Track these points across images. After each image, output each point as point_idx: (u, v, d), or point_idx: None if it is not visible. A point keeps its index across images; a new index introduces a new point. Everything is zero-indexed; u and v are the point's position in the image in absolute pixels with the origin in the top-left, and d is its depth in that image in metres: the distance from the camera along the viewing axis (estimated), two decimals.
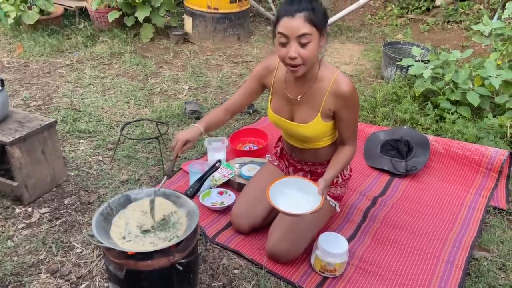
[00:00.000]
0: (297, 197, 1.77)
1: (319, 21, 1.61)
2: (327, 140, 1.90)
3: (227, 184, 2.44)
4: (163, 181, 1.71)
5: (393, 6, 5.66)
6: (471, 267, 1.98)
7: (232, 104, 1.99)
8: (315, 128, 1.82)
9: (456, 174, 2.63)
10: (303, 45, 1.61)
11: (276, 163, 2.20)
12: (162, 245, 1.52)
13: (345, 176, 2.04)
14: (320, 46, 1.68)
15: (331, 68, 1.80)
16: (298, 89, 1.83)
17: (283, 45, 1.64)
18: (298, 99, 1.83)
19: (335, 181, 2.01)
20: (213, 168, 1.90)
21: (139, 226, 1.60)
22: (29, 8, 4.20)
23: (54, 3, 4.39)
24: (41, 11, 4.28)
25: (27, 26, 4.29)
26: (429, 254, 2.03)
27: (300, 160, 2.03)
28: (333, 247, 1.84)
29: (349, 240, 2.08)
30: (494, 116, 3.00)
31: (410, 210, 2.33)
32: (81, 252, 1.97)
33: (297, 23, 1.58)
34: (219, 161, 1.93)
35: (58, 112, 3.09)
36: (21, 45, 4.10)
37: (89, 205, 2.25)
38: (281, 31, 1.62)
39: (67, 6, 4.67)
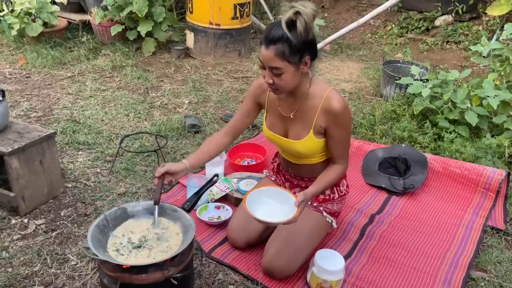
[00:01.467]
0: (273, 206, 1.77)
1: (293, 54, 1.60)
2: (321, 156, 1.90)
3: (225, 199, 2.44)
4: (155, 212, 1.68)
5: (393, 25, 5.73)
6: None
7: (232, 126, 2.00)
8: (308, 145, 1.83)
9: (454, 193, 2.63)
10: (276, 75, 1.64)
11: (273, 178, 2.20)
12: (157, 258, 1.51)
13: (342, 192, 2.04)
14: (301, 73, 1.69)
15: (323, 85, 1.80)
16: (290, 106, 1.85)
17: (263, 67, 1.68)
18: (291, 116, 1.85)
19: (331, 197, 2.00)
20: (211, 182, 1.91)
21: (130, 242, 1.60)
22: (33, 21, 4.25)
23: (58, 16, 4.44)
24: (45, 24, 4.33)
25: (30, 38, 4.34)
26: (425, 273, 2.02)
27: (297, 176, 2.03)
28: (329, 264, 1.83)
29: (346, 257, 2.07)
30: (492, 136, 3.01)
31: (408, 228, 2.32)
32: (76, 265, 1.96)
33: (268, 56, 1.60)
34: (217, 175, 1.93)
35: (58, 123, 3.11)
36: (23, 56, 4.13)
37: (85, 217, 2.25)
38: (259, 57, 1.66)
39: (71, 19, 4.72)
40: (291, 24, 1.57)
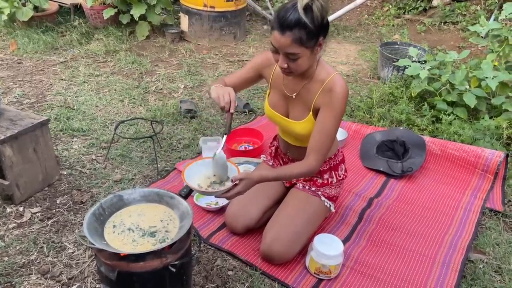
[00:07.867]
0: (213, 178, 1.77)
1: (310, 39, 1.56)
2: None
3: None
4: (223, 140, 1.69)
5: (390, 6, 5.66)
6: (467, 270, 1.97)
7: (229, 83, 1.91)
8: (307, 127, 1.80)
9: (452, 175, 2.62)
10: (291, 60, 1.61)
11: (270, 163, 2.18)
12: (154, 246, 1.49)
13: (340, 177, 2.03)
14: (315, 54, 1.66)
15: (329, 69, 1.77)
16: (294, 86, 1.82)
17: (275, 52, 1.64)
18: (294, 96, 1.82)
19: (329, 181, 1.99)
20: None
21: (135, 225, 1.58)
22: (23, 5, 4.16)
23: None
24: (36, 8, 4.25)
25: (21, 23, 4.25)
26: (424, 256, 2.02)
27: (295, 159, 2.01)
28: (328, 249, 1.82)
29: (345, 241, 2.06)
30: (491, 118, 2.99)
31: (406, 212, 2.32)
32: (72, 253, 1.94)
33: (285, 42, 1.56)
34: None
35: (52, 110, 3.06)
36: (15, 42, 4.05)
37: (81, 205, 2.22)
38: (272, 42, 1.61)
39: (62, 3, 4.62)
40: (308, 8, 1.52)
